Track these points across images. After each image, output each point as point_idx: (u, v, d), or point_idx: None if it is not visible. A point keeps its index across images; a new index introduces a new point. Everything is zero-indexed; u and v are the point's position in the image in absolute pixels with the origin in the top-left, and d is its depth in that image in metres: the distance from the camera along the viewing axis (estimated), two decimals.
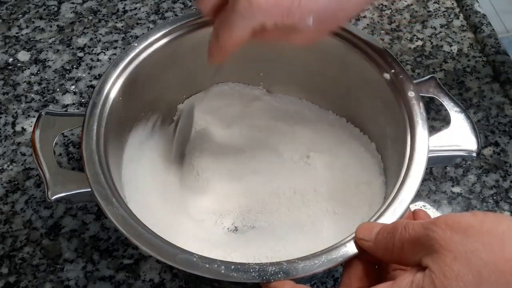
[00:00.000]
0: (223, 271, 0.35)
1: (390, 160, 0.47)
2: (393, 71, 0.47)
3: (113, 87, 0.46)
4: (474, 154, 0.44)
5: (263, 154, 0.54)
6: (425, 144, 0.42)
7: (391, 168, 0.46)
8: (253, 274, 0.35)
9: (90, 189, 0.40)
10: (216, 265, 0.36)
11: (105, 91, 0.46)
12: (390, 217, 0.38)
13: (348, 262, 0.37)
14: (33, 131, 0.45)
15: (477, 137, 0.44)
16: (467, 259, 0.28)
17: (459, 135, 0.45)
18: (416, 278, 0.30)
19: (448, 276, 0.28)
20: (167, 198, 0.50)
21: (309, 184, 0.52)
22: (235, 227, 0.50)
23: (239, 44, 0.40)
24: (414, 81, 0.47)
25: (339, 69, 0.52)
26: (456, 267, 0.28)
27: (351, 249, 0.36)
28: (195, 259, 0.36)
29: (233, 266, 0.36)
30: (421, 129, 0.43)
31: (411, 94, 0.45)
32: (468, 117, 0.46)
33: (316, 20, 0.38)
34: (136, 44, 0.49)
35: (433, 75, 0.49)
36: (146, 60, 0.49)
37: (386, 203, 0.39)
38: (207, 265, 0.36)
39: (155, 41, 0.49)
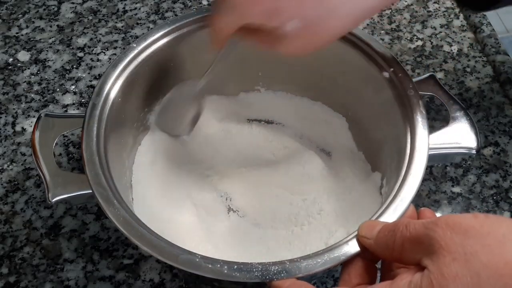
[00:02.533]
0: (226, 271, 0.35)
1: (390, 158, 0.46)
2: (392, 69, 0.47)
3: (113, 88, 0.46)
4: (474, 151, 0.44)
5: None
6: (425, 142, 0.42)
7: (391, 166, 0.45)
8: (256, 274, 0.35)
9: (91, 191, 0.40)
10: (218, 265, 0.36)
11: (105, 92, 0.46)
12: (391, 215, 0.38)
13: (348, 259, 0.37)
14: (33, 133, 0.45)
15: (476, 134, 0.44)
16: (466, 260, 0.28)
17: (458, 132, 0.45)
18: (414, 278, 0.30)
19: (446, 277, 0.28)
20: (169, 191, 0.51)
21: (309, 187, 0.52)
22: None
23: (224, 35, 0.41)
24: (413, 80, 0.47)
25: (338, 68, 0.52)
26: (455, 268, 0.28)
27: (352, 248, 0.36)
28: (197, 260, 0.36)
29: (235, 266, 0.36)
30: (421, 127, 0.43)
31: (410, 92, 0.45)
32: (467, 114, 0.46)
33: (303, 26, 0.37)
34: (135, 45, 0.48)
35: (431, 73, 0.50)
36: (145, 61, 0.49)
37: (387, 202, 0.39)
38: (210, 265, 0.36)
39: (154, 42, 0.49)
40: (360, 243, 0.36)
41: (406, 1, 0.71)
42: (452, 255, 0.29)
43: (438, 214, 0.52)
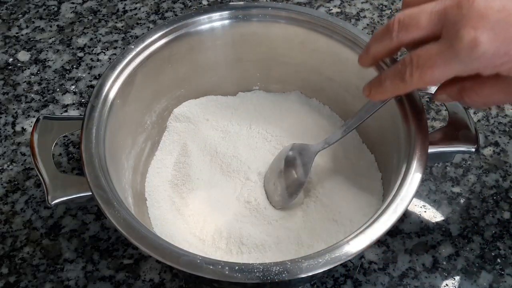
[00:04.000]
0: (227, 272, 0.35)
1: (389, 157, 0.46)
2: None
3: (111, 90, 0.46)
4: (473, 149, 0.44)
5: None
6: (425, 141, 0.42)
7: (390, 165, 0.45)
8: (257, 274, 0.35)
9: (90, 193, 0.40)
10: (220, 266, 0.36)
11: (103, 94, 0.45)
12: (391, 215, 0.38)
13: None
14: (31, 136, 0.44)
15: (475, 132, 0.44)
16: None
17: (457, 131, 0.45)
18: None
19: None
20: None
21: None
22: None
23: (430, 86, 0.35)
24: None
25: (336, 67, 0.53)
26: None
27: (354, 247, 0.36)
28: (198, 261, 0.36)
29: (237, 267, 0.36)
30: (420, 125, 0.43)
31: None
32: (465, 112, 0.46)
33: None
34: (132, 47, 0.48)
35: None
36: (143, 62, 0.49)
37: (387, 201, 0.39)
38: (211, 267, 0.36)
39: (152, 43, 0.49)
40: None
41: None
42: None
43: (438, 214, 0.52)
